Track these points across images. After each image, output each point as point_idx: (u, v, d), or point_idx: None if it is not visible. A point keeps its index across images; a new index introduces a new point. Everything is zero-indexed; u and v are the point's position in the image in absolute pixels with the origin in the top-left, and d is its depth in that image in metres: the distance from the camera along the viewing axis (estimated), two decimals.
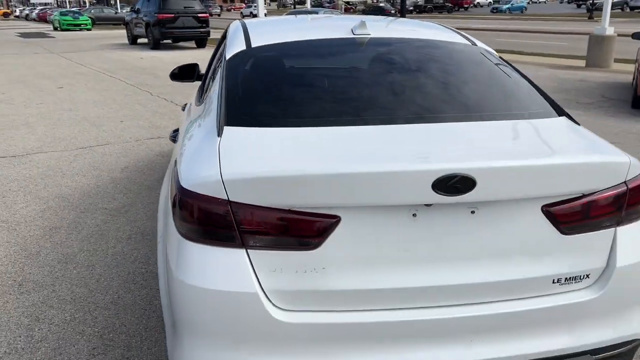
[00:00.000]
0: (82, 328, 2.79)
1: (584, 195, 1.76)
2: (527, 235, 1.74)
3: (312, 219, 1.63)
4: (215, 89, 2.34)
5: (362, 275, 1.69)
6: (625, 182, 1.81)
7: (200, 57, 15.75)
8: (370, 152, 1.71)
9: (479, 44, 2.74)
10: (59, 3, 79.11)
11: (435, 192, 1.59)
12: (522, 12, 57.05)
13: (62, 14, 35.90)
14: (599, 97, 9.13)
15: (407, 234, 1.68)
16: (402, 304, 1.72)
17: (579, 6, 61.36)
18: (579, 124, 2.14)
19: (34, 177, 5.24)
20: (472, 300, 1.75)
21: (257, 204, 1.62)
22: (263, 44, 2.54)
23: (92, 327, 2.80)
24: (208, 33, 20.00)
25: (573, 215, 1.76)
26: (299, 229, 1.63)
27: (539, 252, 1.77)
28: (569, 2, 73.32)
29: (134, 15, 21.15)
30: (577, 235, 1.78)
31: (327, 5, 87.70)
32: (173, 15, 18.83)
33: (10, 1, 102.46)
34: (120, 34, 28.66)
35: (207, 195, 1.64)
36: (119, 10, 44.48)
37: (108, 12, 42.81)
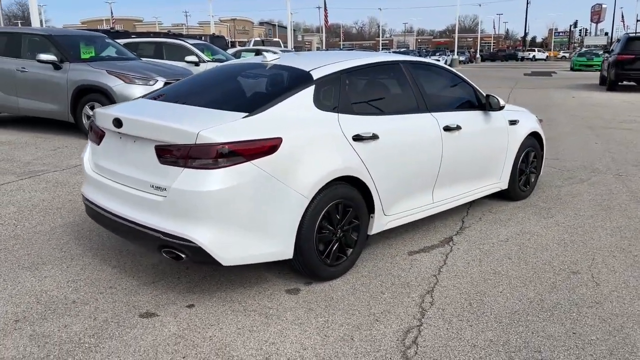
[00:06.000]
0: None
1: (170, 145, 3.04)
2: (149, 158, 3.22)
3: (100, 131, 3.66)
4: None
5: (104, 160, 3.61)
6: (193, 144, 2.97)
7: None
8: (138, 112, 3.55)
9: (315, 72, 3.65)
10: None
11: (112, 124, 3.34)
12: None
13: (579, 55, 37.47)
14: None
15: (117, 145, 3.50)
16: (110, 177, 3.53)
17: None
18: (258, 114, 3.23)
19: None
20: (125, 183, 3.38)
21: (96, 124, 3.75)
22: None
23: None
24: None
25: (164, 154, 3.10)
26: (97, 135, 3.69)
27: (150, 168, 3.22)
28: None
29: (606, 57, 20.95)
30: (166, 165, 3.11)
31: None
32: (634, 56, 17.84)
33: (577, 44, 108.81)
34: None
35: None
36: None
37: None
